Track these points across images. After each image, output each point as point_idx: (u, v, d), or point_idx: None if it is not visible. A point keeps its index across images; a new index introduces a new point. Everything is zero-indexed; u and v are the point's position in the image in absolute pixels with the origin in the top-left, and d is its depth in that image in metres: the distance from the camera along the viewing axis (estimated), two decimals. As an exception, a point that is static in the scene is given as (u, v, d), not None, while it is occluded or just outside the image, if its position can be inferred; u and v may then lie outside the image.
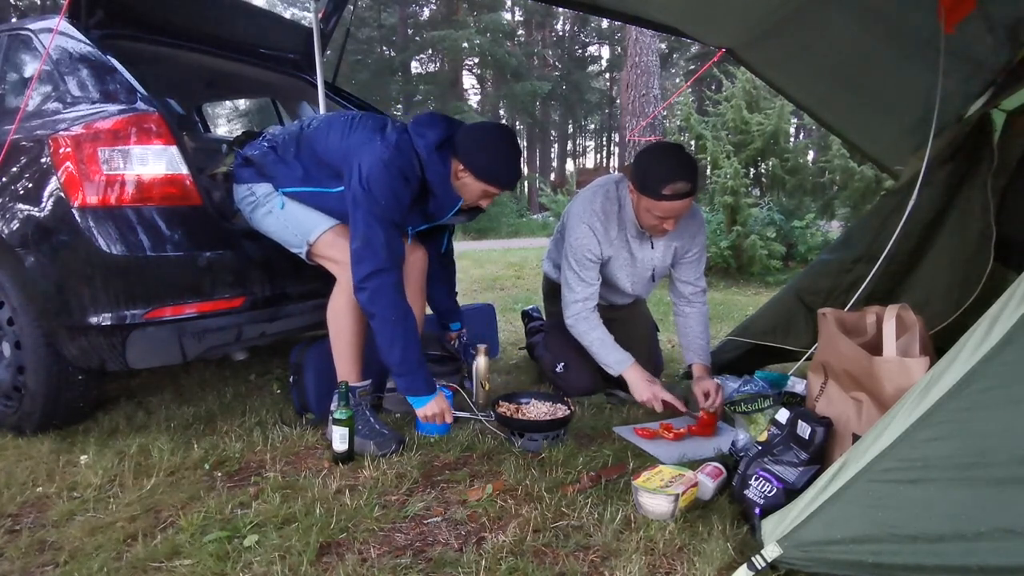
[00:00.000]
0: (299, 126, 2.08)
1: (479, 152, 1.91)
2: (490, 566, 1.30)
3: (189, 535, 1.40)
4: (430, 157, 1.90)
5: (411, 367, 1.89)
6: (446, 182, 1.95)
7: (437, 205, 2.01)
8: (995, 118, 2.26)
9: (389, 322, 1.83)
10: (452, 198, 1.99)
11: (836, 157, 6.25)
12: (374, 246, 1.81)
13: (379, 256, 1.81)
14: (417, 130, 1.92)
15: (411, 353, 1.88)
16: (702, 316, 2.38)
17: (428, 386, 1.93)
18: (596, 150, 38.25)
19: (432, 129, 1.92)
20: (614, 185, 2.27)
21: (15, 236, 1.89)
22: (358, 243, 1.82)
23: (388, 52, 22.92)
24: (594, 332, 2.26)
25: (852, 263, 2.35)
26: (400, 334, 1.85)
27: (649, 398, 2.14)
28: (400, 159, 1.85)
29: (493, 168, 1.93)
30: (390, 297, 1.83)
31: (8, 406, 2.03)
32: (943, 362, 1.16)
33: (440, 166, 1.92)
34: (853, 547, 1.14)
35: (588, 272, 2.25)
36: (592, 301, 2.27)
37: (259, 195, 2.03)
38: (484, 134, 1.95)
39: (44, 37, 2.12)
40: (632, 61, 8.19)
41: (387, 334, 1.84)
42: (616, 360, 2.23)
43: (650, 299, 2.76)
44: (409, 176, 1.88)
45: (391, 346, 1.85)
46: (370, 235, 1.81)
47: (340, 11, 3.10)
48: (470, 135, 1.94)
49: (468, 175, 1.93)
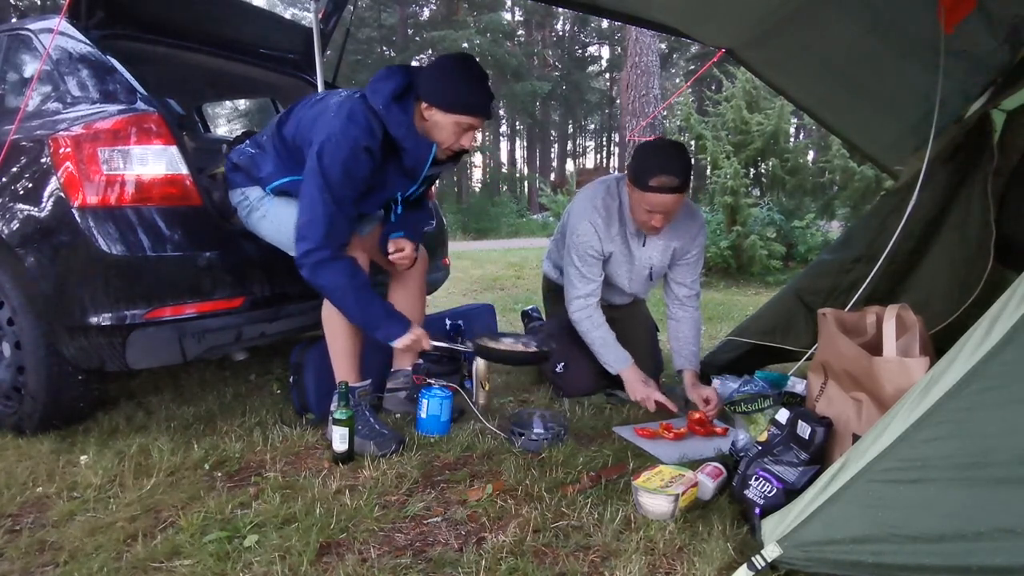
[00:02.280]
0: (274, 121, 2.05)
1: (439, 82, 1.82)
2: (490, 566, 1.30)
3: (189, 535, 1.40)
4: (388, 110, 1.81)
5: (377, 319, 1.90)
6: (412, 130, 1.86)
7: (412, 158, 1.91)
8: (995, 118, 2.26)
9: (339, 289, 1.84)
10: (424, 146, 1.88)
11: (836, 157, 6.26)
12: (314, 224, 1.79)
13: (317, 234, 1.79)
14: (372, 87, 1.85)
15: (371, 308, 1.89)
16: (694, 322, 2.38)
17: (401, 325, 1.92)
18: (596, 150, 38.27)
19: (387, 81, 1.84)
20: (615, 182, 2.28)
21: (15, 236, 1.89)
22: (302, 219, 1.81)
23: (388, 52, 22.93)
24: (597, 331, 2.28)
25: (852, 263, 2.35)
26: (353, 298, 1.85)
27: (643, 398, 2.18)
28: (352, 128, 1.78)
29: (458, 95, 1.82)
30: (330, 266, 1.82)
31: (8, 406, 2.03)
32: (943, 362, 1.16)
33: (401, 115, 1.83)
34: (853, 547, 1.14)
35: (591, 268, 2.25)
36: (595, 297, 2.27)
37: (252, 199, 2.03)
38: (442, 64, 1.86)
39: (44, 37, 2.13)
40: (632, 61, 8.20)
41: (340, 300, 1.86)
42: (615, 359, 2.26)
43: (650, 299, 2.76)
44: (367, 143, 1.81)
45: (351, 311, 1.87)
46: (312, 213, 1.79)
47: (340, 11, 3.10)
48: (428, 71, 1.86)
49: (435, 111, 1.82)
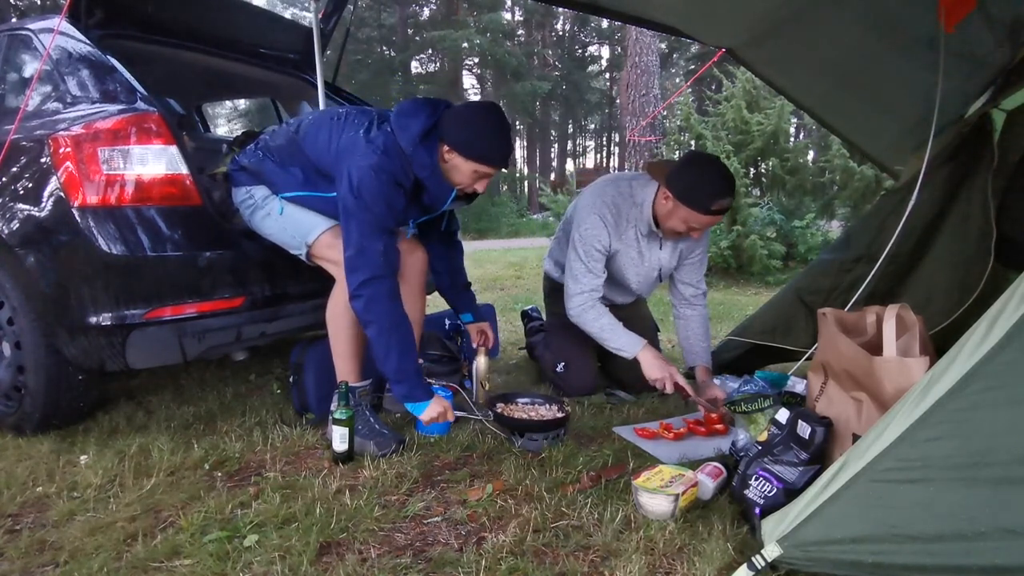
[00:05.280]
0: (289, 129, 2.04)
1: (464, 131, 1.84)
2: (490, 566, 1.30)
3: (189, 535, 1.40)
4: (415, 151, 1.84)
5: (407, 375, 1.86)
6: (436, 173, 1.88)
7: (431, 197, 1.95)
8: (995, 118, 2.26)
9: (385, 330, 1.80)
10: (445, 188, 1.92)
11: (836, 157, 6.25)
12: (368, 254, 1.78)
13: (374, 264, 1.78)
14: (399, 123, 1.85)
15: (407, 361, 1.85)
16: (703, 319, 2.38)
17: (425, 392, 1.90)
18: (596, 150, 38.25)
19: (415, 119, 1.85)
20: (627, 183, 2.26)
21: (15, 236, 1.89)
22: (352, 251, 1.79)
23: (388, 52, 22.92)
24: (602, 319, 2.24)
25: (852, 263, 2.36)
26: (396, 342, 1.82)
27: (663, 376, 2.10)
28: (390, 163, 1.81)
29: (481, 146, 1.85)
30: (385, 305, 1.80)
31: (8, 406, 2.03)
32: (943, 362, 1.16)
33: (427, 158, 1.85)
34: (853, 547, 1.14)
35: (595, 264, 2.24)
36: (597, 293, 2.26)
37: (257, 198, 2.03)
38: (468, 112, 1.88)
39: (44, 37, 2.12)
40: (632, 61, 8.19)
41: (383, 343, 1.82)
42: (628, 343, 2.19)
43: (650, 299, 2.76)
44: (401, 180, 1.84)
45: (387, 354, 1.82)
46: (364, 244, 1.78)
47: (340, 11, 3.10)
48: (454, 115, 1.86)
49: (456, 156, 1.85)
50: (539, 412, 2.06)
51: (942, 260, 2.20)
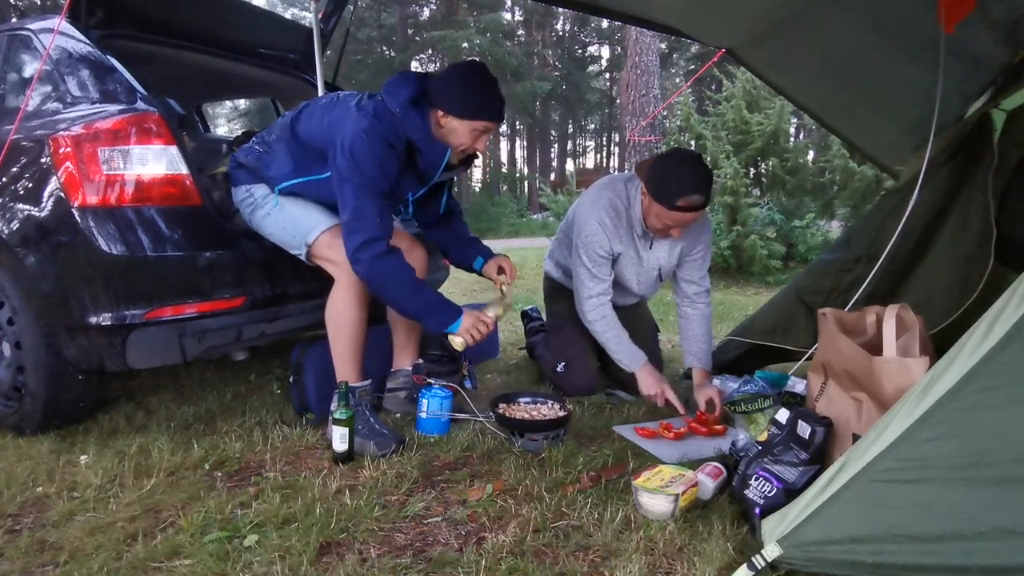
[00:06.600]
0: (284, 121, 2.06)
1: (453, 90, 1.86)
2: (490, 566, 1.30)
3: (189, 535, 1.40)
4: (406, 115, 1.86)
5: (433, 306, 1.91)
6: (428, 135, 1.90)
7: (426, 162, 1.95)
8: (995, 118, 2.26)
9: (395, 284, 1.84)
10: (439, 150, 1.93)
11: (836, 157, 6.25)
12: (364, 217, 1.80)
13: (371, 226, 1.80)
14: (388, 91, 1.89)
15: (425, 298, 1.89)
16: (704, 319, 2.37)
17: (453, 312, 1.92)
18: (596, 150, 38.28)
19: (403, 87, 1.88)
20: (622, 184, 2.27)
21: (15, 236, 1.89)
22: (348, 215, 1.81)
23: (388, 52, 22.94)
24: (612, 331, 2.29)
25: (852, 263, 2.35)
26: (408, 289, 1.86)
27: (656, 392, 2.19)
28: (381, 125, 1.83)
29: (473, 101, 1.87)
30: (386, 262, 1.82)
31: (8, 406, 2.03)
32: (943, 362, 1.16)
33: (418, 121, 1.88)
34: (853, 547, 1.14)
35: (601, 268, 2.25)
36: (606, 296, 2.28)
37: (257, 197, 2.03)
38: (454, 74, 1.89)
39: (44, 37, 2.12)
40: (632, 61, 8.19)
41: (396, 295, 1.86)
42: (631, 358, 2.28)
43: (650, 299, 2.76)
44: (393, 141, 1.85)
45: (406, 303, 1.88)
46: (359, 207, 1.80)
47: (340, 11, 3.10)
48: (441, 80, 1.89)
49: (451, 119, 1.87)
50: (541, 411, 2.06)
51: (942, 260, 2.20)
